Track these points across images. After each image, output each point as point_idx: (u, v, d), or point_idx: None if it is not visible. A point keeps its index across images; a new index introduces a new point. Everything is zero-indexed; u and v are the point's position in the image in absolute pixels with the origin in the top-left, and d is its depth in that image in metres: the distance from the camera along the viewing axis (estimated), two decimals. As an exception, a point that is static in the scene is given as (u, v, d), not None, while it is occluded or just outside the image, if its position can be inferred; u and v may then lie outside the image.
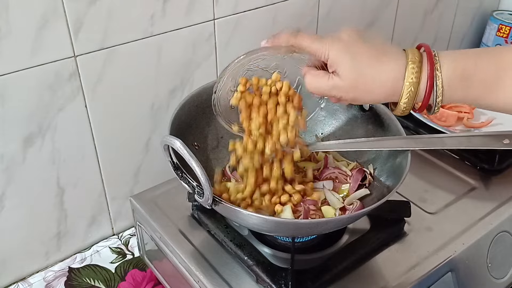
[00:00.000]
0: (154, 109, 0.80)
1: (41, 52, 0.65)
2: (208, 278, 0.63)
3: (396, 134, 0.67)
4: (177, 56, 0.79)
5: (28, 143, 0.69)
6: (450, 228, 0.72)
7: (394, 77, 0.53)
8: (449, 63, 0.53)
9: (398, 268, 0.65)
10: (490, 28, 1.24)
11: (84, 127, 0.74)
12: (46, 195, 0.75)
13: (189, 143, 0.70)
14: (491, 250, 0.72)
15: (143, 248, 0.79)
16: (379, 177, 0.70)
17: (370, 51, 0.54)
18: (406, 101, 0.54)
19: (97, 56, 0.70)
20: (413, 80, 0.53)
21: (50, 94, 0.68)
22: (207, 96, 0.72)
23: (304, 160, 0.75)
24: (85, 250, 0.82)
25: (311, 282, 0.61)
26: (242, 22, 0.84)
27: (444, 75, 0.52)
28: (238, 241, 0.66)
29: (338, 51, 0.54)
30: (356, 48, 0.54)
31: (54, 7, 0.64)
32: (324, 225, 0.59)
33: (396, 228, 0.70)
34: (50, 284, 0.77)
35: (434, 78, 0.52)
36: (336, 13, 0.98)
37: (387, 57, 0.54)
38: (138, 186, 0.84)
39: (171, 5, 0.74)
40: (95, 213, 0.82)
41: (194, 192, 0.57)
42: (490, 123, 0.94)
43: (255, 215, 0.56)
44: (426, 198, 0.77)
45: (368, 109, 0.72)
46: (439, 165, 0.85)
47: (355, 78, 0.54)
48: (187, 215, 0.73)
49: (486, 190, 0.80)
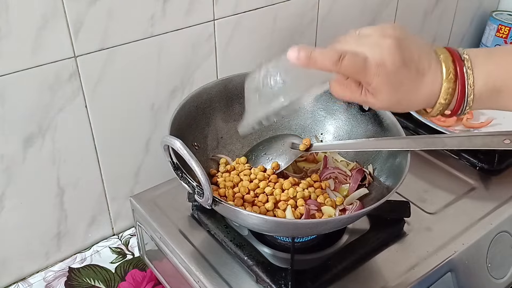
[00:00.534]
0: (154, 109, 0.80)
1: (41, 52, 0.65)
2: (208, 278, 0.63)
3: (396, 134, 0.67)
4: (177, 56, 0.79)
5: (28, 143, 0.69)
6: (449, 228, 0.72)
7: (429, 95, 0.53)
8: (482, 78, 0.52)
9: (398, 268, 0.65)
10: (490, 28, 1.24)
11: (84, 127, 0.74)
12: (46, 195, 0.75)
13: (189, 143, 0.70)
14: (491, 250, 0.72)
15: (143, 248, 0.79)
16: (379, 177, 0.70)
17: (411, 74, 0.52)
18: (436, 113, 0.55)
19: (97, 56, 0.70)
20: (446, 101, 0.53)
21: (50, 94, 0.68)
22: (207, 96, 0.72)
23: (304, 161, 0.75)
24: (85, 250, 0.83)
25: (311, 282, 0.61)
26: (242, 22, 0.84)
27: (476, 91, 0.52)
28: (238, 241, 0.66)
29: (381, 82, 0.52)
30: (398, 77, 0.52)
31: (54, 7, 0.64)
32: (324, 225, 0.59)
33: (395, 228, 0.70)
34: (50, 284, 0.77)
35: (465, 93, 0.52)
36: (336, 13, 0.98)
37: (426, 77, 0.53)
38: (138, 186, 0.85)
39: (171, 5, 0.74)
40: (95, 213, 0.82)
41: (194, 192, 0.57)
42: (490, 123, 0.94)
43: (255, 215, 0.56)
44: (426, 198, 0.77)
45: (368, 109, 0.72)
46: (439, 165, 0.85)
47: (393, 103, 0.54)
48: (187, 215, 0.73)
49: (486, 190, 0.80)
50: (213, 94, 0.73)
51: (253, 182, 0.67)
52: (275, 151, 0.72)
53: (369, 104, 0.55)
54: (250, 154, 0.73)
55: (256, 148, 0.74)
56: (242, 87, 0.75)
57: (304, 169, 0.74)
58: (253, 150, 0.74)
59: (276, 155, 0.71)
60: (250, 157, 0.73)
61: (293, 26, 0.93)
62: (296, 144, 0.72)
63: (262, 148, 0.73)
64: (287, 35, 0.93)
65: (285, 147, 0.72)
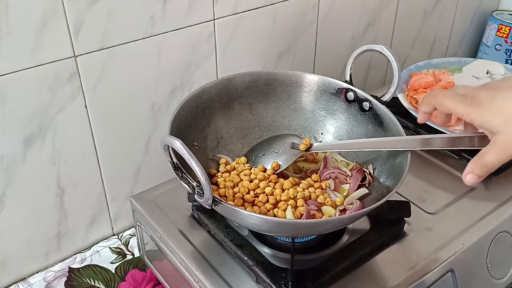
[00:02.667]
0: (154, 109, 0.80)
1: (41, 52, 0.65)
2: (208, 278, 0.63)
3: (396, 134, 0.67)
4: (177, 56, 0.79)
5: (28, 143, 0.69)
6: (450, 228, 0.72)
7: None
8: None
9: (398, 268, 0.65)
10: (490, 28, 1.24)
11: (84, 127, 0.74)
12: (46, 195, 0.75)
13: (189, 143, 0.70)
14: (491, 250, 0.72)
15: (143, 248, 0.79)
16: (379, 177, 0.70)
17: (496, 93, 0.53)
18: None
19: (97, 56, 0.70)
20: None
21: (50, 94, 0.68)
22: (207, 96, 0.72)
23: (304, 161, 0.75)
24: (85, 250, 0.83)
25: (311, 282, 0.61)
26: (242, 22, 0.84)
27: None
28: (238, 241, 0.66)
29: (486, 122, 0.54)
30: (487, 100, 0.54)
31: (54, 7, 0.64)
32: (324, 225, 0.59)
33: (396, 228, 0.70)
34: (50, 284, 0.77)
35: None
36: (336, 13, 0.98)
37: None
38: (138, 186, 0.85)
39: (171, 5, 0.74)
40: (95, 213, 0.82)
41: (194, 192, 0.57)
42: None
43: (255, 215, 0.56)
44: (426, 198, 0.77)
45: (368, 109, 0.72)
46: (439, 165, 0.85)
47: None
48: (187, 215, 0.73)
49: (486, 190, 0.80)
50: (213, 94, 0.73)
51: (253, 182, 0.67)
52: (275, 151, 0.72)
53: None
54: (250, 154, 0.73)
55: (256, 148, 0.74)
56: (242, 87, 0.75)
57: (304, 169, 0.74)
58: (253, 150, 0.74)
59: (276, 155, 0.71)
60: (250, 157, 0.73)
61: (293, 26, 0.93)
62: (296, 144, 0.72)
63: (262, 148, 0.73)
64: (287, 35, 0.93)
65: (285, 147, 0.72)
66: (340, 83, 0.75)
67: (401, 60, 1.19)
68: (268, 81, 0.76)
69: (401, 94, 0.92)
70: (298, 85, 0.77)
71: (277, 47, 0.93)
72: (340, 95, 0.75)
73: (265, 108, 0.77)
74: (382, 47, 0.69)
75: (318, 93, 0.76)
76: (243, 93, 0.75)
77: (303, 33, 0.95)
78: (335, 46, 1.03)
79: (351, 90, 0.74)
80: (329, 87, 0.75)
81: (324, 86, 0.76)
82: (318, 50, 1.00)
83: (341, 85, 0.74)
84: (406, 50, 1.20)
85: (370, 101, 0.72)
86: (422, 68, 1.02)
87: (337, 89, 0.75)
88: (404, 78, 0.98)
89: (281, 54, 0.94)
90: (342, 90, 0.74)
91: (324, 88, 0.76)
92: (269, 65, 0.93)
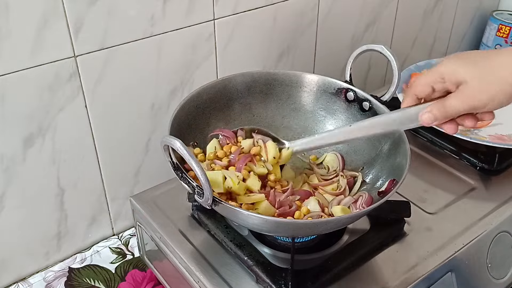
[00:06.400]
0: (154, 109, 0.80)
1: (41, 52, 0.65)
2: (208, 278, 0.63)
3: (396, 133, 0.67)
4: (177, 56, 0.79)
5: (28, 143, 0.69)
6: (450, 228, 0.72)
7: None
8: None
9: (398, 268, 0.65)
10: (490, 28, 1.24)
11: (84, 127, 0.74)
12: (46, 195, 0.75)
13: (189, 143, 0.70)
14: (491, 250, 0.72)
15: (143, 248, 0.79)
16: (379, 178, 0.70)
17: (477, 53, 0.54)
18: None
19: (97, 56, 0.70)
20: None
21: (50, 94, 0.68)
22: (207, 96, 0.72)
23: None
24: (85, 250, 0.82)
25: (311, 282, 0.61)
26: (242, 22, 0.84)
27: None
28: (238, 241, 0.66)
29: (457, 71, 0.54)
30: (465, 55, 0.55)
31: (54, 7, 0.64)
32: (323, 225, 0.59)
33: (396, 228, 0.70)
34: (50, 284, 0.77)
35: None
36: (336, 13, 0.98)
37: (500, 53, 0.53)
38: (138, 186, 0.85)
39: (171, 5, 0.74)
40: (95, 213, 0.82)
41: (194, 192, 0.57)
42: (490, 123, 0.94)
43: (255, 215, 0.56)
44: (426, 198, 0.77)
45: (368, 109, 0.72)
46: (439, 165, 0.85)
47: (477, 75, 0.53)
48: (187, 215, 0.73)
49: (486, 190, 0.80)
50: (213, 94, 0.73)
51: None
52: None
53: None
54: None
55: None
56: (242, 87, 0.75)
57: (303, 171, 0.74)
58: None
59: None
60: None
61: (293, 26, 0.93)
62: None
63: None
64: (287, 35, 0.93)
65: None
66: (340, 83, 0.75)
67: (401, 60, 1.19)
68: (268, 81, 0.76)
69: (401, 94, 0.92)
70: (298, 85, 0.77)
71: (277, 47, 0.92)
72: (340, 95, 0.75)
73: (265, 108, 0.77)
74: (382, 47, 0.69)
75: (318, 93, 0.76)
76: (243, 93, 0.75)
77: (303, 33, 0.95)
78: (335, 46, 1.03)
79: (351, 90, 0.74)
80: (329, 87, 0.75)
81: (324, 86, 0.76)
82: (318, 50, 1.00)
83: (341, 85, 0.74)
84: (406, 50, 1.20)
85: (370, 101, 0.72)
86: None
87: (337, 89, 0.75)
88: (404, 78, 0.98)
89: (281, 54, 0.94)
90: (342, 90, 0.74)
91: (324, 88, 0.76)
92: (269, 65, 0.93)
